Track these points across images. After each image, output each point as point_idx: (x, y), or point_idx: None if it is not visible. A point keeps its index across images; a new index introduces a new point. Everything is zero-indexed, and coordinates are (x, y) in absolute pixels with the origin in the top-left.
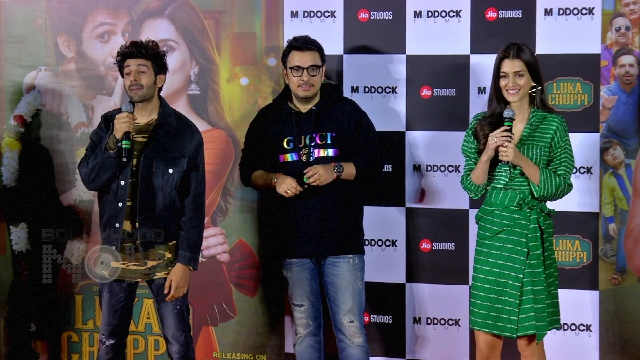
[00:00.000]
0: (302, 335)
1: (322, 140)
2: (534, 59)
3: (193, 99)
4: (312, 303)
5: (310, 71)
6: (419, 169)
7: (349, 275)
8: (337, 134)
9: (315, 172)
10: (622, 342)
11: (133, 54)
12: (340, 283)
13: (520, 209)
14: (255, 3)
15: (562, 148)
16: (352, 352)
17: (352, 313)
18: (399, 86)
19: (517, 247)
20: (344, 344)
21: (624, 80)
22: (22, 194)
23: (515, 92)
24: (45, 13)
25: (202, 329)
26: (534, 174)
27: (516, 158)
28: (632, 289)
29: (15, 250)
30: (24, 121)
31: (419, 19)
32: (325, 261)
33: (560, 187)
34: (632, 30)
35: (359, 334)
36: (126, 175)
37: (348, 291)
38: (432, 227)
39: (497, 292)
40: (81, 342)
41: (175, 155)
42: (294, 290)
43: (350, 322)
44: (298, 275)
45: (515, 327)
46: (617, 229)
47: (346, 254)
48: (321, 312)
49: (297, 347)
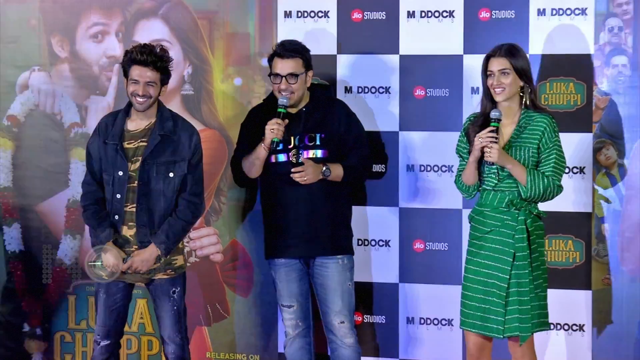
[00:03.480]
0: (292, 337)
1: (311, 141)
2: (521, 59)
3: (186, 99)
4: (300, 304)
5: (288, 79)
6: (413, 169)
7: (338, 276)
8: (326, 135)
9: (303, 171)
10: (615, 343)
11: (145, 62)
12: (329, 284)
13: (509, 210)
14: (249, 3)
15: (550, 148)
16: (343, 353)
17: (342, 314)
18: (392, 86)
19: (504, 247)
20: (335, 345)
21: (617, 80)
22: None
23: (500, 91)
24: (38, 13)
25: (196, 329)
26: (521, 175)
27: (501, 159)
28: (624, 289)
29: (8, 250)
30: (18, 121)
31: (412, 19)
32: (314, 262)
33: (549, 188)
34: (624, 30)
35: (350, 335)
36: (122, 190)
37: (337, 292)
38: (426, 227)
39: (485, 292)
40: (74, 342)
41: (175, 159)
42: (282, 291)
43: (340, 323)
44: (287, 276)
45: (502, 327)
46: (609, 229)
47: (335, 254)
48: (310, 313)
49: (287, 349)
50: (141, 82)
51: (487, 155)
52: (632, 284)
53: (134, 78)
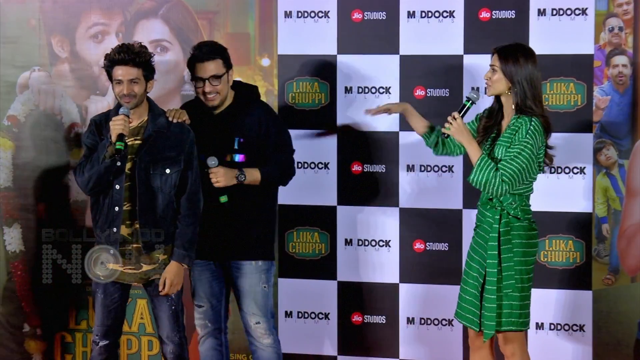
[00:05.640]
0: (202, 336)
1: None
2: (512, 62)
3: (186, 100)
4: (211, 305)
5: (211, 81)
6: (413, 169)
7: (251, 278)
8: (246, 139)
9: (214, 173)
10: (615, 342)
11: (124, 60)
12: (242, 286)
13: (489, 208)
14: (249, 3)
15: (514, 146)
16: (262, 354)
17: (257, 315)
18: (392, 86)
19: (483, 243)
20: (254, 346)
21: (617, 80)
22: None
23: (487, 86)
24: (39, 13)
25: (195, 329)
26: (474, 156)
27: (458, 134)
28: (625, 289)
29: (8, 250)
30: (18, 121)
31: (412, 19)
32: (229, 265)
33: (493, 180)
34: (625, 30)
35: (267, 335)
36: (121, 179)
37: (250, 294)
38: (426, 228)
39: (470, 285)
40: (75, 342)
41: (171, 155)
42: (195, 290)
43: (256, 324)
44: (199, 276)
45: (478, 321)
46: (610, 229)
47: (248, 259)
48: (222, 315)
49: (199, 347)
50: (124, 80)
51: (445, 124)
52: (633, 284)
53: (117, 78)
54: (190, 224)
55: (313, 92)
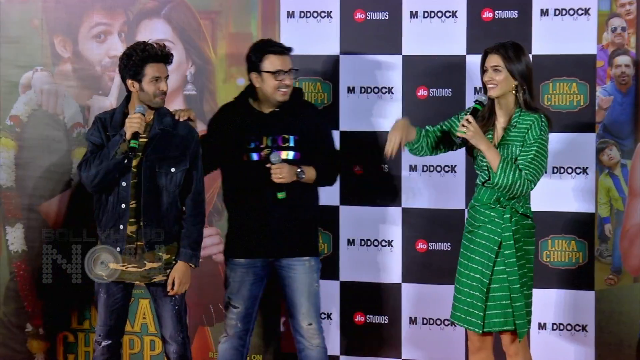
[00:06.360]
0: (228, 336)
1: (284, 142)
2: (515, 59)
3: (189, 99)
4: (246, 307)
5: (290, 74)
6: (415, 169)
7: (305, 277)
8: (300, 137)
9: (278, 169)
10: (618, 343)
11: (158, 57)
12: (297, 286)
13: (495, 207)
14: (252, 3)
15: (531, 144)
16: (310, 354)
17: (310, 316)
18: (395, 86)
19: (489, 244)
20: (302, 346)
21: (620, 80)
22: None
23: (492, 87)
24: (41, 13)
25: (198, 329)
26: (494, 160)
27: (476, 138)
28: (627, 289)
29: (11, 250)
30: (20, 121)
31: (415, 19)
32: (280, 264)
33: (519, 181)
34: (628, 30)
35: (317, 336)
36: (128, 177)
37: (304, 294)
38: (428, 228)
39: (470, 286)
40: (77, 342)
41: (176, 154)
42: (234, 290)
43: (308, 325)
44: (243, 277)
45: (482, 322)
46: (612, 230)
47: (301, 256)
48: (253, 317)
49: (220, 345)
50: (162, 77)
51: (460, 128)
52: (635, 284)
53: (154, 75)
54: (196, 224)
55: (316, 92)
